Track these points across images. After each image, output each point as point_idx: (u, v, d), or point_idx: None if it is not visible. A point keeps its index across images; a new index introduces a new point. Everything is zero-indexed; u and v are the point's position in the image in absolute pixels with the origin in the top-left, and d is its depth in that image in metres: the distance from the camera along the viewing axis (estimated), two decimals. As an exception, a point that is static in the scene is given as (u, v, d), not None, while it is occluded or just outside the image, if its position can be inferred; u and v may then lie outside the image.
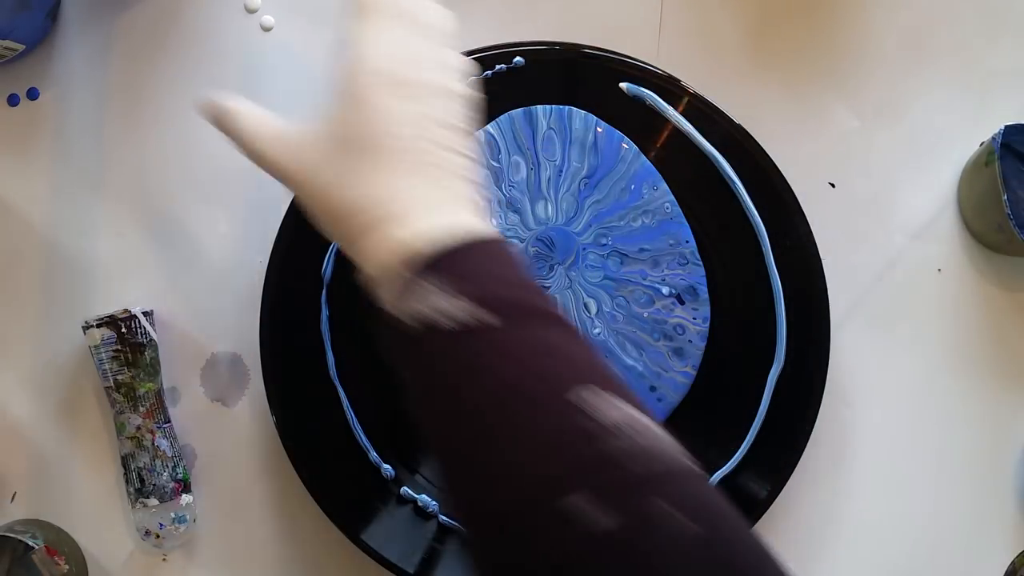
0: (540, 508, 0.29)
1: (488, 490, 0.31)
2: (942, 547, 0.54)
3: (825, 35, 0.57)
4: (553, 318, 0.34)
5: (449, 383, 0.33)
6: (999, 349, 0.55)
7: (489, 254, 0.35)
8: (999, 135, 0.52)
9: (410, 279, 0.34)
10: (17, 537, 0.48)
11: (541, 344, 0.33)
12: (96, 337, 0.51)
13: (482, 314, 0.33)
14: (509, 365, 0.32)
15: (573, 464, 0.30)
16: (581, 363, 0.33)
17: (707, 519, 0.30)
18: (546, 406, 0.31)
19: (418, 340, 0.34)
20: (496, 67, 0.53)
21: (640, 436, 0.31)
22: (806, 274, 0.53)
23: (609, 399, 0.31)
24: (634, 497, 0.29)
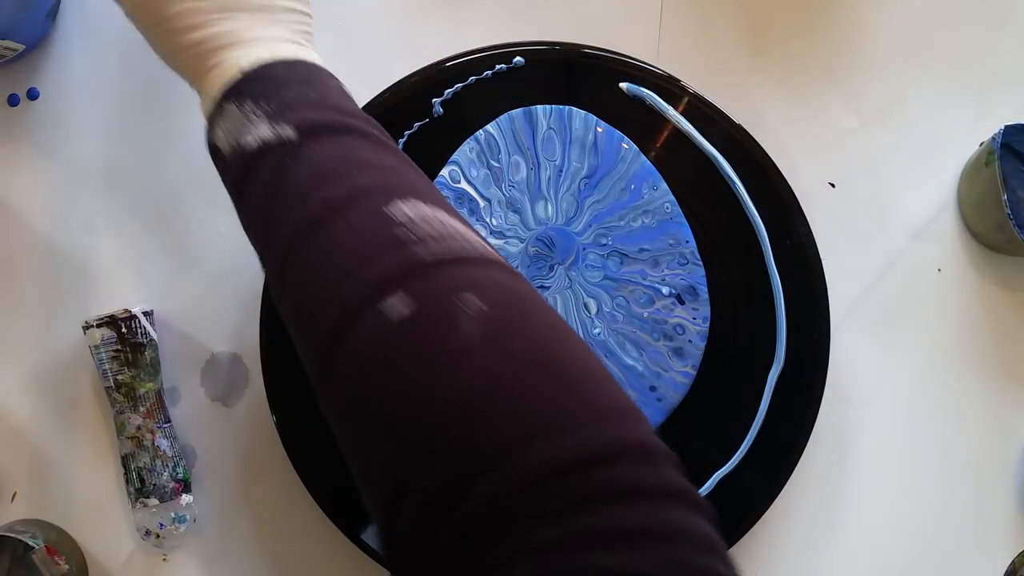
0: (347, 300, 0.32)
1: (306, 291, 0.33)
2: (942, 547, 0.54)
3: (825, 35, 0.57)
4: (359, 131, 0.36)
5: (262, 198, 0.35)
6: (999, 349, 0.55)
7: (297, 77, 0.37)
8: (999, 135, 0.52)
9: (220, 103, 0.36)
10: (17, 537, 0.48)
11: (341, 156, 0.35)
12: (96, 337, 0.51)
13: (277, 130, 0.35)
14: (310, 174, 0.34)
15: (373, 254, 0.32)
16: (384, 172, 0.35)
17: (500, 300, 0.31)
18: (348, 208, 0.33)
19: (229, 163, 0.36)
20: (496, 67, 0.53)
21: (436, 225, 0.33)
22: (806, 274, 0.53)
23: (412, 200, 0.33)
24: (427, 280, 0.31)
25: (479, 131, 0.52)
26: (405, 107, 0.52)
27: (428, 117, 0.52)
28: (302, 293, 0.34)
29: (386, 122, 0.52)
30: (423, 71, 0.53)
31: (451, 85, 0.52)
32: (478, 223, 0.52)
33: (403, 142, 0.52)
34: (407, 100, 0.52)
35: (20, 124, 0.54)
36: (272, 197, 0.35)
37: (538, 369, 0.30)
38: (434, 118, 0.52)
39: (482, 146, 0.52)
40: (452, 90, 0.52)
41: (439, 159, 0.52)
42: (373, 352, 0.31)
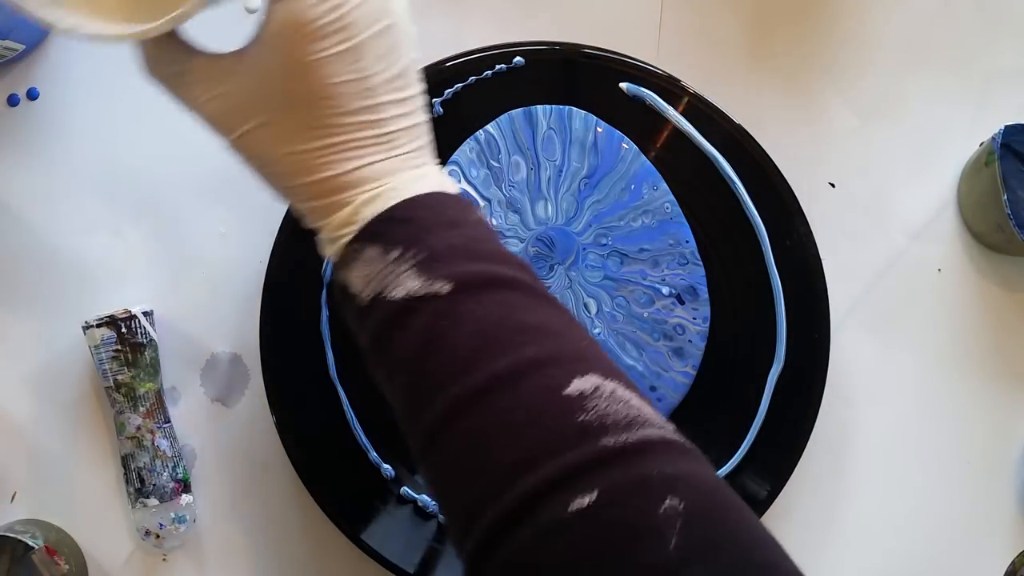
0: (518, 485, 0.29)
1: (464, 470, 0.30)
2: (942, 547, 0.54)
3: (825, 35, 0.57)
4: (518, 284, 0.33)
5: (413, 359, 0.32)
6: (999, 349, 0.55)
7: (443, 219, 0.33)
8: (999, 135, 0.52)
9: (356, 245, 0.33)
10: (17, 537, 0.48)
11: (500, 316, 0.31)
12: (96, 337, 0.51)
13: (430, 283, 0.31)
14: (468, 338, 0.31)
15: (548, 439, 0.29)
16: (548, 336, 0.31)
17: (694, 493, 0.29)
18: (515, 380, 0.30)
19: (367, 310, 0.33)
20: (496, 67, 0.53)
21: (617, 405, 0.30)
22: (806, 274, 0.53)
23: (580, 372, 0.30)
24: (611, 468, 0.28)
25: (479, 131, 0.52)
26: (405, 107, 0.52)
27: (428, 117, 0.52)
28: (463, 473, 0.30)
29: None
30: (423, 71, 0.52)
31: (451, 85, 0.52)
32: (478, 223, 0.52)
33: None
34: (407, 100, 0.52)
35: (20, 124, 0.54)
36: (425, 362, 0.31)
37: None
38: (434, 118, 0.52)
39: (482, 146, 0.52)
40: (452, 90, 0.52)
41: (439, 159, 0.52)
42: (545, 550, 0.28)
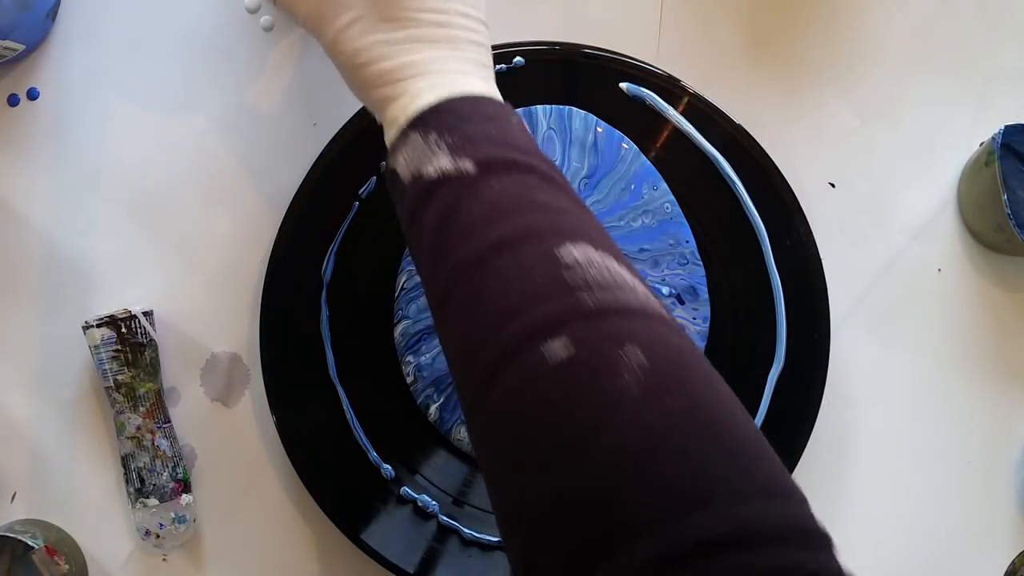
0: (507, 337, 0.32)
1: (466, 323, 0.34)
2: (942, 547, 0.54)
3: (825, 35, 0.57)
4: (536, 171, 0.36)
5: (436, 225, 0.36)
6: (999, 349, 0.55)
7: (481, 113, 0.37)
8: (999, 135, 0.52)
9: (406, 131, 0.37)
10: (17, 537, 0.48)
11: (516, 195, 0.35)
12: (96, 337, 0.51)
13: (458, 163, 0.35)
14: (483, 207, 0.35)
15: (536, 293, 0.32)
16: (557, 214, 0.35)
17: (662, 356, 0.31)
18: (519, 245, 0.34)
19: (407, 188, 0.37)
20: (496, 67, 0.52)
21: (605, 272, 0.33)
22: (806, 274, 0.53)
23: (583, 246, 0.33)
24: (589, 325, 0.31)
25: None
26: (405, 107, 0.52)
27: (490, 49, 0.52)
28: (463, 325, 0.34)
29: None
30: (423, 71, 0.52)
31: (451, 85, 0.52)
32: (478, 223, 0.52)
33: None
34: (407, 100, 0.52)
35: (20, 124, 0.54)
36: (444, 228, 0.35)
37: (698, 431, 0.29)
38: (434, 118, 0.52)
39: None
40: (452, 90, 0.52)
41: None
42: (529, 391, 0.31)
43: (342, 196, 0.52)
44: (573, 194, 0.37)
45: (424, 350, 0.52)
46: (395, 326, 0.52)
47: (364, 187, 0.52)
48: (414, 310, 0.52)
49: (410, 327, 0.52)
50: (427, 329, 0.52)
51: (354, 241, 0.52)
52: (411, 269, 0.52)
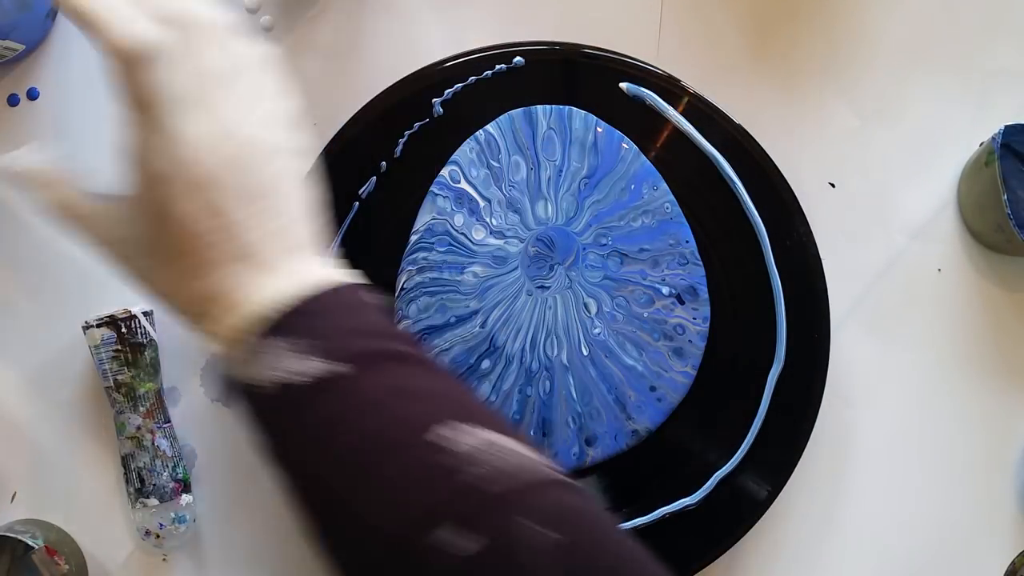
0: (410, 548, 0.31)
1: (359, 542, 0.33)
2: (942, 547, 0.54)
3: (825, 35, 0.57)
4: (408, 357, 0.35)
5: (308, 438, 0.34)
6: (999, 349, 0.55)
7: (335, 305, 0.36)
8: (999, 135, 0.52)
9: (257, 344, 0.34)
10: (17, 537, 0.48)
11: (396, 387, 0.34)
12: (96, 337, 0.51)
13: (333, 366, 0.33)
14: (364, 414, 0.33)
15: (435, 500, 0.31)
16: (438, 399, 0.35)
17: (569, 526, 0.31)
18: (405, 449, 0.33)
19: (274, 400, 0.34)
20: (496, 67, 0.53)
21: (497, 458, 0.32)
22: (806, 274, 0.53)
23: (467, 429, 0.33)
24: (494, 517, 0.31)
25: (479, 131, 0.52)
26: (405, 107, 0.52)
27: (428, 117, 0.52)
28: (358, 531, 0.33)
29: (386, 122, 0.52)
30: (423, 71, 0.53)
31: (451, 85, 0.52)
32: (478, 223, 0.52)
33: (403, 142, 0.52)
34: (407, 100, 0.52)
35: (20, 124, 0.54)
36: (321, 442, 0.34)
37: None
38: (434, 118, 0.52)
39: (482, 146, 0.52)
40: (452, 90, 0.52)
41: (439, 159, 0.52)
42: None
43: (342, 196, 0.52)
44: (446, 372, 0.37)
45: (424, 350, 0.52)
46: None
47: (364, 187, 0.52)
48: (414, 310, 0.52)
49: (410, 327, 0.52)
50: (427, 329, 0.52)
51: (354, 241, 0.52)
52: (411, 269, 0.52)
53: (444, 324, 0.52)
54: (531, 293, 0.52)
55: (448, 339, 0.52)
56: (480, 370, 0.52)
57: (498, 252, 0.52)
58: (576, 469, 0.52)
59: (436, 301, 0.52)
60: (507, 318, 0.52)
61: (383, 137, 0.52)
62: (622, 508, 0.52)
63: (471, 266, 0.52)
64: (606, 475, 0.52)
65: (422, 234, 0.52)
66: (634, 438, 0.52)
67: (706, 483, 0.52)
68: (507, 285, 0.52)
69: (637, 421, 0.52)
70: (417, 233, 0.52)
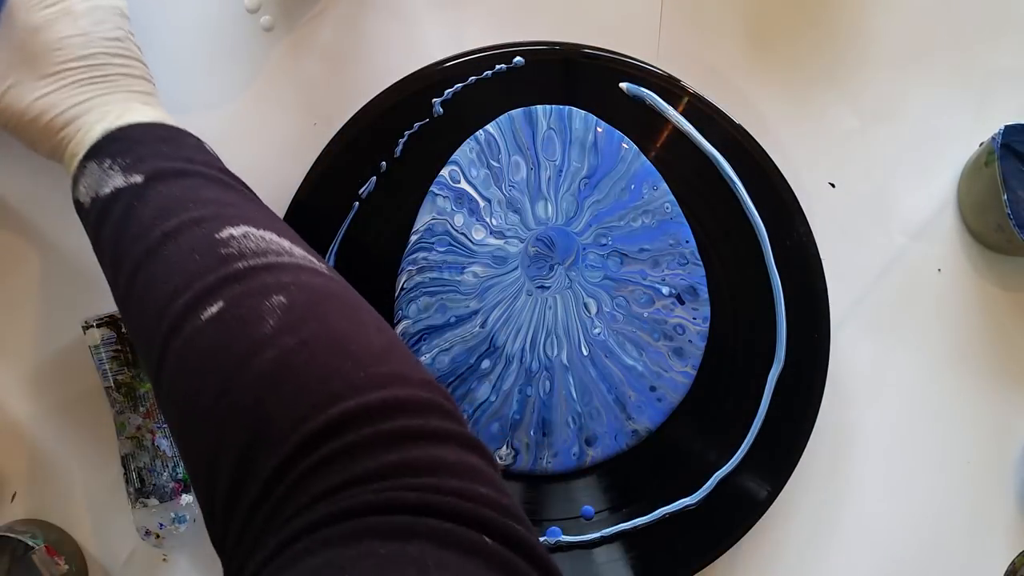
0: (172, 310, 0.36)
1: (141, 311, 0.38)
2: (942, 547, 0.55)
3: (825, 35, 0.57)
4: (210, 177, 0.41)
5: (112, 236, 0.40)
6: (999, 349, 0.55)
7: (153, 135, 0.43)
8: (999, 135, 0.52)
9: (82, 163, 0.42)
10: (17, 537, 0.48)
11: (186, 195, 0.40)
12: (96, 337, 0.51)
13: (130, 177, 0.40)
14: (152, 212, 0.39)
15: (194, 271, 0.37)
16: (226, 206, 0.40)
17: (299, 294, 0.36)
18: (178, 235, 0.38)
19: (87, 213, 0.42)
20: (496, 67, 0.53)
21: (258, 241, 0.38)
22: (806, 274, 0.53)
23: (246, 228, 0.38)
24: (237, 283, 0.36)
25: (479, 131, 0.52)
26: (405, 107, 0.52)
27: (428, 117, 0.52)
28: (140, 317, 0.38)
29: (386, 122, 0.52)
30: (423, 71, 0.53)
31: (451, 85, 0.52)
32: (478, 223, 0.52)
33: (403, 142, 0.52)
34: (407, 100, 0.52)
35: (20, 124, 0.54)
36: (120, 236, 0.40)
37: (325, 350, 0.34)
38: (434, 118, 0.52)
39: (482, 146, 0.52)
40: (452, 90, 0.52)
41: (439, 159, 0.52)
42: (188, 351, 0.36)
43: (342, 196, 0.52)
44: (242, 191, 0.42)
45: (424, 350, 0.52)
46: (395, 326, 0.52)
47: (364, 187, 0.52)
48: (414, 310, 0.52)
49: (410, 327, 0.52)
50: (427, 329, 0.52)
51: (354, 241, 0.52)
52: (411, 269, 0.52)
53: (444, 324, 0.52)
54: (531, 293, 0.52)
55: (448, 339, 0.52)
56: (480, 370, 0.52)
57: (498, 252, 0.52)
58: (576, 469, 0.52)
59: (436, 301, 0.52)
60: (507, 318, 0.52)
61: (383, 137, 0.52)
62: (622, 508, 0.52)
63: (471, 266, 0.52)
64: (606, 475, 0.52)
65: (422, 234, 0.52)
66: (634, 438, 0.52)
67: (706, 483, 0.52)
68: (507, 285, 0.52)
69: (637, 421, 0.52)
70: (417, 233, 0.52)
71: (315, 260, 0.39)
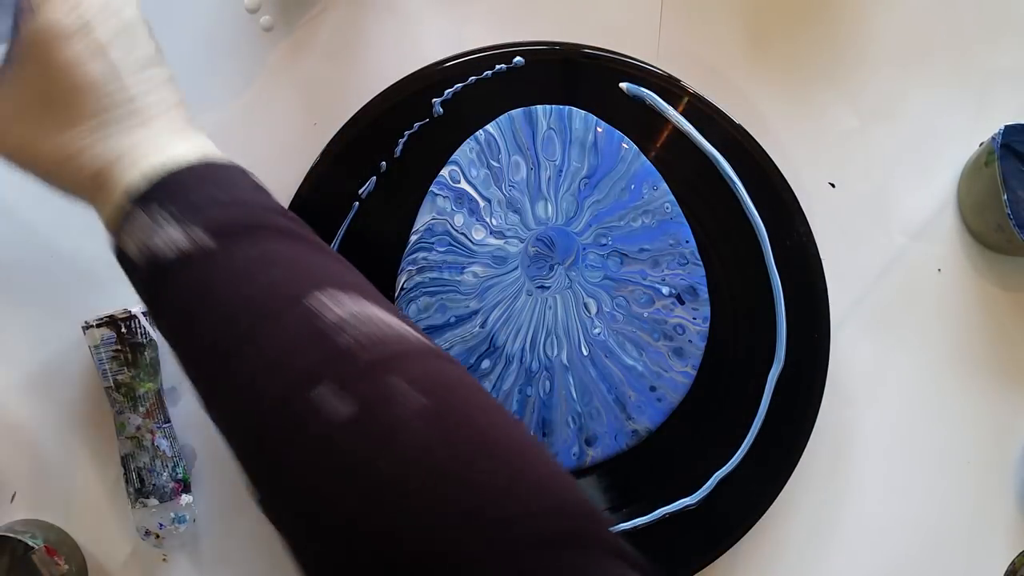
0: (287, 410, 0.31)
1: (238, 405, 0.33)
2: (942, 547, 0.54)
3: (825, 35, 0.57)
4: (279, 229, 0.36)
5: (183, 311, 0.35)
6: (999, 349, 0.55)
7: (203, 178, 0.37)
8: (999, 135, 0.52)
9: (128, 214, 0.36)
10: (17, 537, 0.48)
11: (265, 257, 0.35)
12: (96, 337, 0.51)
13: (199, 237, 0.35)
14: (234, 284, 0.34)
15: (309, 362, 0.32)
16: (309, 268, 0.35)
17: (439, 392, 0.32)
18: (275, 315, 0.33)
19: (147, 272, 0.36)
20: (496, 67, 0.53)
21: (371, 326, 0.33)
22: (806, 274, 0.53)
23: (341, 298, 0.34)
24: (366, 382, 0.32)
25: (479, 131, 0.52)
26: (405, 107, 0.52)
27: (428, 117, 0.52)
28: (236, 406, 0.34)
29: (386, 122, 0.52)
30: (423, 71, 0.53)
31: (451, 85, 0.52)
32: (478, 223, 0.52)
33: (403, 142, 0.52)
34: (407, 100, 0.52)
35: (20, 124, 0.54)
36: (196, 312, 0.35)
37: (480, 459, 0.31)
38: (434, 118, 0.52)
39: (482, 146, 0.52)
40: (452, 90, 0.52)
41: (439, 159, 0.52)
42: (316, 457, 0.31)
43: (342, 196, 0.52)
44: (315, 241, 0.38)
45: (424, 350, 0.52)
46: (395, 326, 0.52)
47: (364, 187, 0.52)
48: (414, 310, 0.52)
49: (410, 327, 0.52)
50: (427, 329, 0.52)
51: (354, 241, 0.52)
52: (411, 269, 0.52)
53: (444, 324, 0.52)
54: (531, 293, 0.52)
55: (448, 339, 0.52)
56: (480, 370, 0.52)
57: (498, 252, 0.52)
58: (576, 469, 0.52)
59: (436, 301, 0.52)
60: (507, 318, 0.52)
61: (383, 137, 0.52)
62: (622, 508, 0.52)
63: (471, 266, 0.52)
64: (606, 475, 0.52)
65: (422, 234, 0.52)
66: (634, 438, 0.52)
67: (706, 483, 0.52)
68: (507, 285, 0.52)
69: (637, 421, 0.52)
70: (417, 233, 0.52)
71: (420, 335, 0.35)
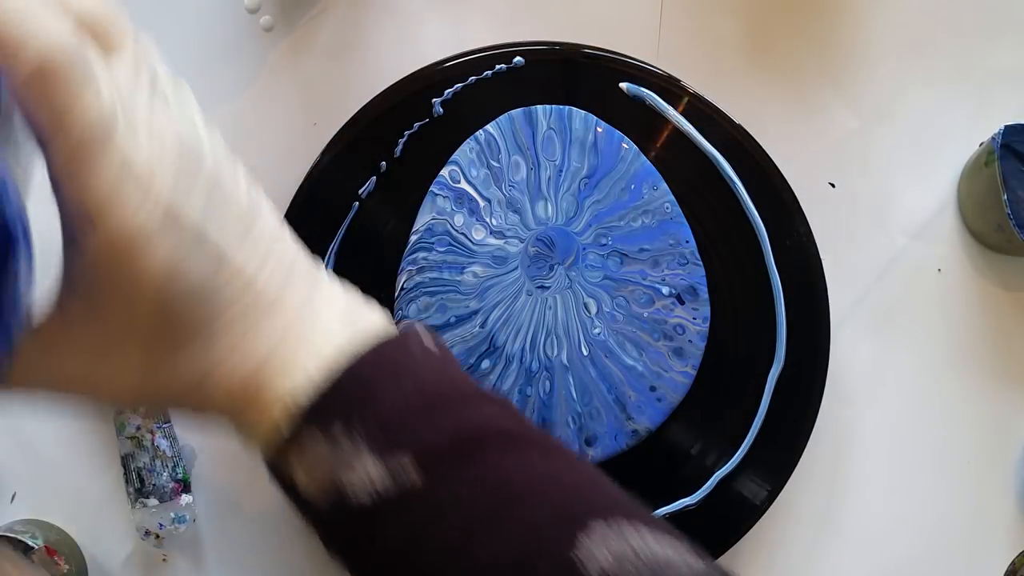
0: None
1: None
2: (942, 547, 0.54)
3: (825, 35, 0.57)
4: (501, 435, 0.27)
5: (381, 564, 0.27)
6: (999, 349, 0.55)
7: (385, 372, 0.27)
8: (999, 135, 0.52)
9: (296, 435, 0.27)
10: (17, 537, 0.48)
11: (494, 493, 0.26)
12: (96, 337, 0.51)
13: (392, 460, 0.26)
14: (468, 533, 0.25)
15: None
16: (557, 497, 0.27)
17: None
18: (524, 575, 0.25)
19: (330, 514, 0.27)
20: (496, 67, 0.53)
21: (645, 567, 0.26)
22: (806, 274, 0.53)
23: (604, 532, 0.26)
24: None
25: (479, 131, 0.52)
26: (405, 107, 0.52)
27: (428, 117, 0.52)
28: None
29: (386, 122, 0.52)
30: (423, 71, 0.53)
31: (451, 85, 0.52)
32: (478, 223, 0.52)
33: (403, 142, 0.52)
34: (407, 100, 0.52)
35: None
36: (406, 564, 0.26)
37: None
38: (434, 118, 0.52)
39: (482, 146, 0.52)
40: (452, 90, 0.52)
41: (439, 159, 0.52)
42: None
43: (342, 196, 0.52)
44: (548, 444, 0.29)
45: (424, 350, 0.52)
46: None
47: (364, 187, 0.52)
48: (414, 310, 0.52)
49: (410, 327, 0.52)
50: (427, 329, 0.52)
51: (354, 241, 0.52)
52: (411, 269, 0.52)
53: (444, 324, 0.52)
54: (531, 293, 0.52)
55: (448, 339, 0.52)
56: (480, 370, 0.52)
57: (498, 252, 0.52)
58: (576, 469, 0.52)
59: (436, 301, 0.52)
60: (507, 318, 0.52)
61: (383, 137, 0.52)
62: (622, 508, 0.52)
63: (471, 266, 0.52)
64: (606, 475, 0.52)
65: (422, 234, 0.52)
66: (634, 438, 0.52)
67: (706, 483, 0.52)
68: (507, 285, 0.52)
69: (637, 421, 0.52)
70: (417, 233, 0.52)
71: (694, 555, 0.28)
